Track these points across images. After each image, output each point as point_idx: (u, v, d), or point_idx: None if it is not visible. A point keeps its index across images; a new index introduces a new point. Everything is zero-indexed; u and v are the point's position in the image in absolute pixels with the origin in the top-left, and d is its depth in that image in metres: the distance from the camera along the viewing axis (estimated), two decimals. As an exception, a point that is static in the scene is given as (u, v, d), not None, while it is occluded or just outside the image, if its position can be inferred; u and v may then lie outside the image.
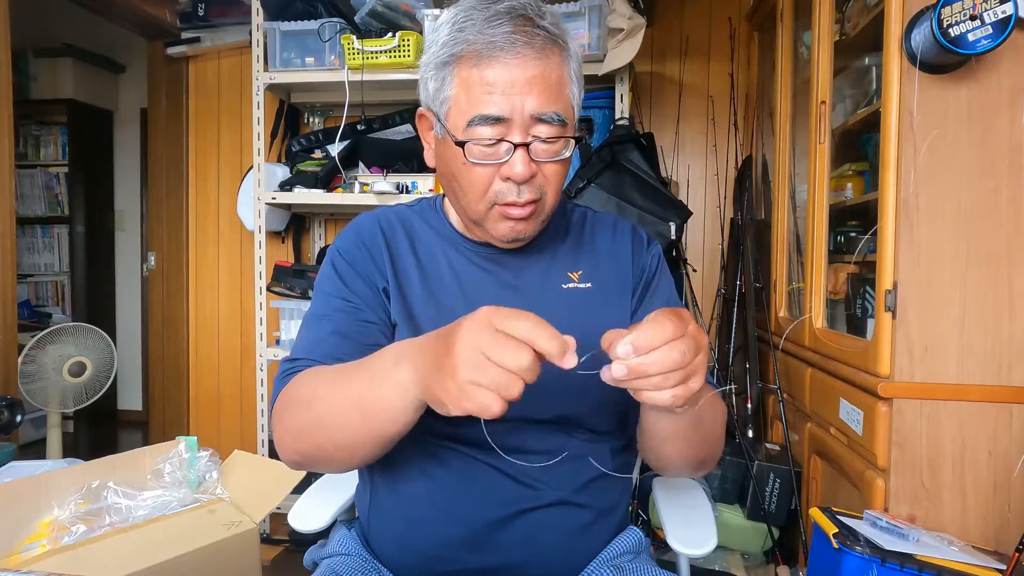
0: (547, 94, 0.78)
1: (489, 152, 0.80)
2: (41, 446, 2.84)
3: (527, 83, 0.77)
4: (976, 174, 1.30)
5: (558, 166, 0.84)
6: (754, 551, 1.98)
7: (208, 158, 3.12)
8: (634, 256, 0.97)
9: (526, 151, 0.79)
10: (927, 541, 1.18)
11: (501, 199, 0.82)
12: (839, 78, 1.83)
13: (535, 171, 0.81)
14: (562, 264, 0.94)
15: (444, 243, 0.94)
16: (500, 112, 0.78)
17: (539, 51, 0.77)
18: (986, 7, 1.18)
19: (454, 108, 0.81)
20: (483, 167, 0.81)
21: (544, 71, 0.78)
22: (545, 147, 0.81)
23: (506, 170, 0.80)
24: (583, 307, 0.91)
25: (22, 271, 4.11)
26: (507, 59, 0.77)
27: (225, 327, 3.13)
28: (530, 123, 0.79)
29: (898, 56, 1.32)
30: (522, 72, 0.77)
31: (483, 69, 0.77)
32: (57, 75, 3.97)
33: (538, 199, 0.83)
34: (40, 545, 1.21)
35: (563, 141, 0.82)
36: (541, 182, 0.83)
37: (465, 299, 0.89)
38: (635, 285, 0.96)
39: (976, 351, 1.30)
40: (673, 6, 2.76)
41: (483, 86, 0.77)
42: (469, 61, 0.78)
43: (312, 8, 2.44)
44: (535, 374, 0.58)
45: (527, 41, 0.77)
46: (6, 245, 2.26)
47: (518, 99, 0.77)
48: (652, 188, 2.17)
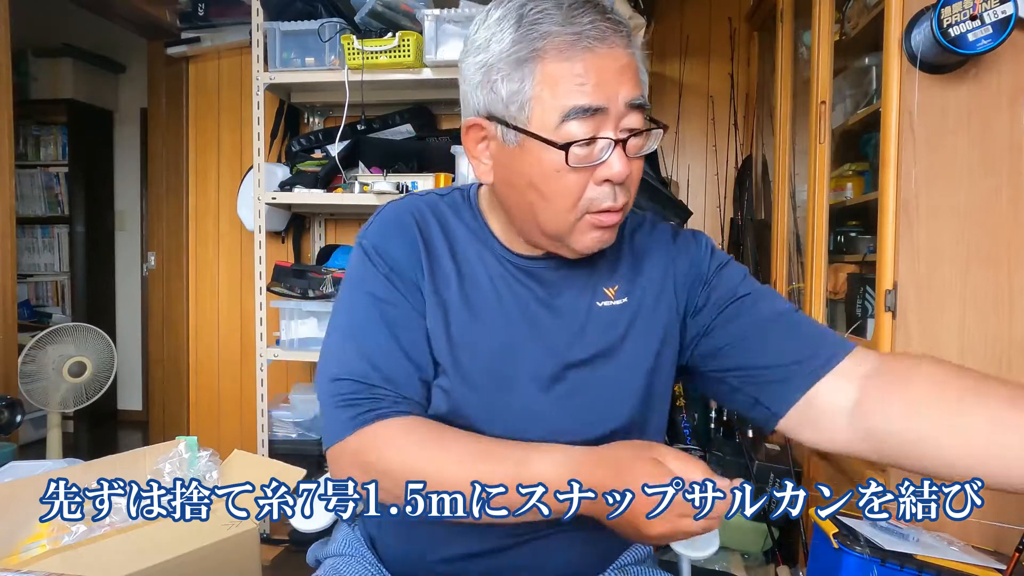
0: (635, 80, 0.75)
1: (583, 155, 0.74)
2: (41, 446, 2.84)
3: (620, 71, 0.73)
4: (976, 174, 1.30)
5: (641, 163, 0.78)
6: (754, 551, 1.98)
7: (208, 158, 3.12)
8: (675, 260, 0.88)
9: (623, 148, 0.74)
10: (927, 541, 1.18)
11: (595, 206, 0.76)
12: (839, 78, 1.83)
13: (631, 170, 0.76)
14: (599, 278, 0.86)
15: (482, 247, 0.86)
16: (597, 102, 0.72)
17: (625, 39, 0.74)
18: (986, 7, 1.17)
19: (538, 108, 0.73)
20: (577, 173, 0.74)
21: (631, 59, 0.75)
22: (638, 142, 0.76)
23: (604, 171, 0.74)
24: (616, 327, 0.85)
25: (22, 271, 4.10)
26: (601, 48, 0.72)
27: (225, 327, 3.13)
28: (625, 112, 0.74)
29: (898, 56, 1.32)
30: (614, 61, 0.73)
31: (575, 62, 0.72)
32: (57, 75, 3.97)
33: (627, 201, 0.78)
34: (40, 545, 1.21)
35: (649, 134, 0.76)
36: (630, 182, 0.77)
37: (504, 314, 0.83)
38: (682, 293, 0.87)
39: (976, 351, 1.30)
40: (673, 6, 2.76)
41: (574, 78, 0.72)
42: (556, 55, 0.72)
43: (312, 8, 2.44)
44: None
45: (615, 29, 0.73)
46: (6, 245, 2.26)
47: (613, 88, 0.73)
48: (652, 188, 2.17)
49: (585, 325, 0.84)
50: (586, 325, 0.84)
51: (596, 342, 0.83)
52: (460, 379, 0.81)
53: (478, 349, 0.82)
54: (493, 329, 0.83)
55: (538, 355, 0.82)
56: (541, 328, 0.83)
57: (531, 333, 0.83)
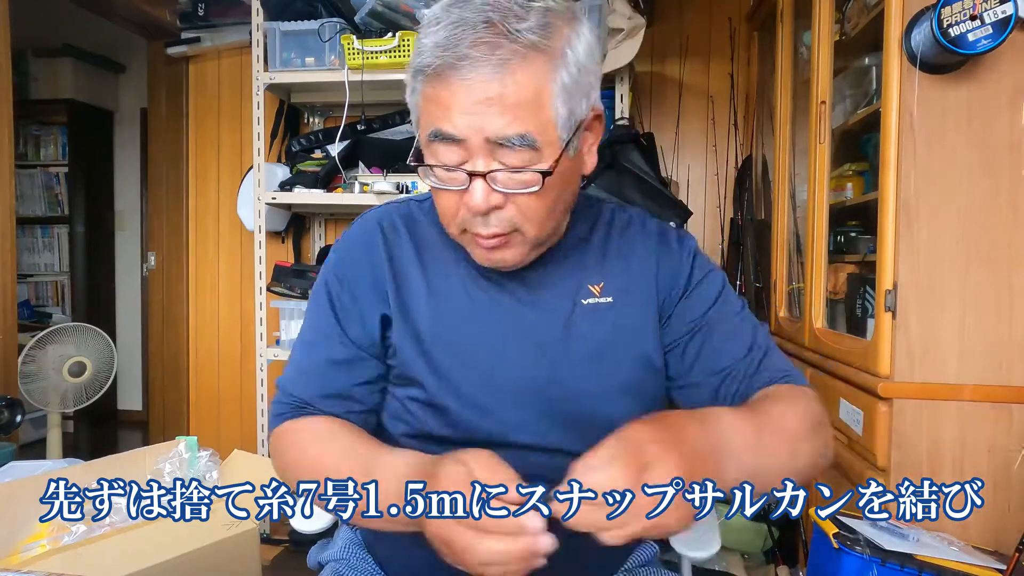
0: (511, 114, 0.67)
1: (449, 177, 0.72)
2: (41, 446, 2.84)
3: (485, 103, 0.67)
4: (976, 174, 1.30)
5: (533, 199, 0.71)
6: (754, 551, 1.98)
7: (208, 158, 3.12)
8: (659, 262, 0.86)
9: (485, 181, 0.70)
10: (927, 541, 1.18)
11: (472, 227, 0.74)
12: (839, 78, 1.83)
13: (500, 202, 0.71)
14: (585, 275, 0.85)
15: (456, 253, 0.84)
16: (456, 132, 0.68)
17: (500, 66, 0.66)
18: (986, 7, 1.17)
19: (418, 122, 0.74)
20: (448, 192, 0.73)
21: (505, 89, 0.66)
22: (511, 177, 0.69)
23: (466, 199, 0.71)
24: (603, 325, 0.83)
25: (22, 271, 4.10)
26: (464, 76, 0.67)
27: (225, 327, 3.13)
28: (491, 148, 0.68)
29: (898, 56, 1.32)
30: (481, 90, 0.67)
31: (439, 88, 0.69)
32: (57, 75, 3.97)
33: (508, 233, 0.74)
34: (40, 545, 1.21)
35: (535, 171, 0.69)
36: (511, 215, 0.72)
37: (480, 319, 0.82)
38: (661, 296, 0.86)
39: (976, 351, 1.30)
40: (673, 6, 2.76)
41: (439, 103, 0.69)
42: (427, 76, 0.70)
43: (312, 8, 2.44)
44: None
45: (487, 55, 0.66)
46: (6, 245, 2.26)
47: (475, 120, 0.67)
48: (652, 188, 2.17)
49: (570, 322, 0.83)
50: (572, 322, 0.83)
51: (582, 340, 0.83)
52: (445, 390, 0.82)
53: (459, 357, 0.82)
54: (469, 335, 0.82)
55: (523, 356, 0.82)
56: (524, 328, 0.83)
57: (513, 333, 0.82)
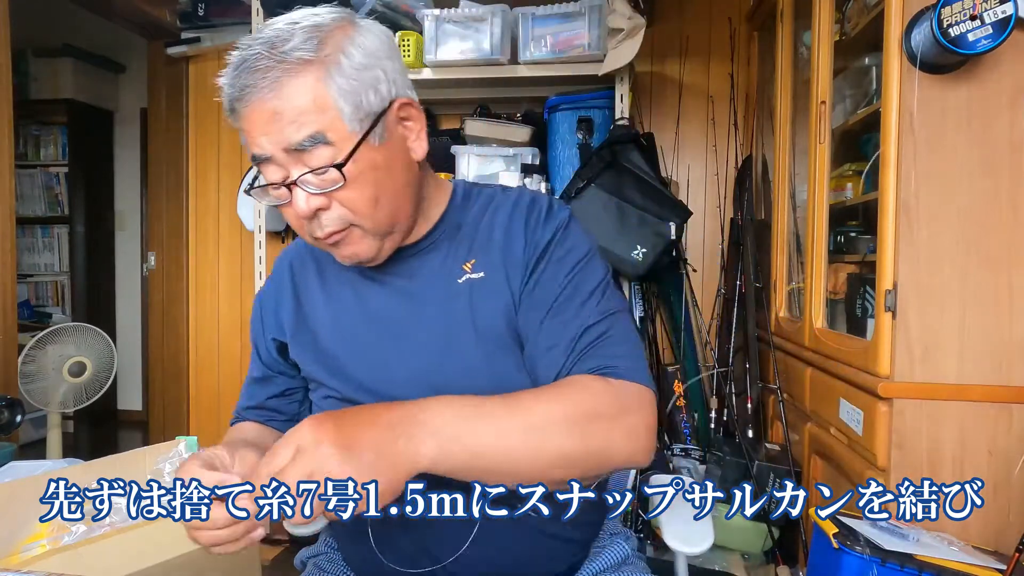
0: (296, 122, 0.74)
1: (277, 194, 0.79)
2: (41, 446, 2.84)
3: (272, 119, 0.74)
4: (976, 174, 1.30)
5: (353, 192, 0.77)
6: (754, 551, 1.98)
7: (208, 158, 3.12)
8: (527, 232, 0.87)
9: (299, 187, 0.76)
10: (927, 541, 1.18)
11: (312, 233, 0.81)
12: (839, 78, 1.83)
13: (324, 203, 0.77)
14: (456, 256, 0.88)
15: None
16: (262, 152, 0.76)
17: (273, 84, 0.73)
18: (986, 7, 1.17)
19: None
20: (286, 208, 0.80)
21: (282, 102, 0.73)
22: (316, 178, 0.76)
23: (293, 208, 0.79)
24: (479, 298, 0.86)
25: (22, 271, 4.11)
26: (249, 102, 0.74)
27: (225, 327, 3.12)
28: (294, 157, 0.75)
29: (898, 56, 1.32)
30: (265, 109, 0.74)
31: (240, 120, 0.77)
32: (57, 75, 3.97)
33: (343, 229, 0.80)
34: (40, 545, 1.21)
35: (347, 161, 0.75)
36: (340, 212, 0.78)
37: (369, 316, 0.89)
38: (527, 263, 0.87)
39: (976, 351, 1.30)
40: (673, 6, 2.76)
41: (246, 133, 0.77)
42: (231, 113, 0.77)
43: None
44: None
45: (261, 79, 0.73)
46: (6, 245, 2.26)
47: (271, 137, 0.75)
48: (652, 188, 2.17)
49: (447, 301, 0.87)
50: (449, 300, 0.87)
51: (461, 317, 0.86)
52: (351, 386, 0.88)
53: (356, 354, 0.89)
54: (363, 332, 0.90)
55: (412, 343, 0.87)
56: (409, 316, 0.88)
57: (400, 323, 0.87)
